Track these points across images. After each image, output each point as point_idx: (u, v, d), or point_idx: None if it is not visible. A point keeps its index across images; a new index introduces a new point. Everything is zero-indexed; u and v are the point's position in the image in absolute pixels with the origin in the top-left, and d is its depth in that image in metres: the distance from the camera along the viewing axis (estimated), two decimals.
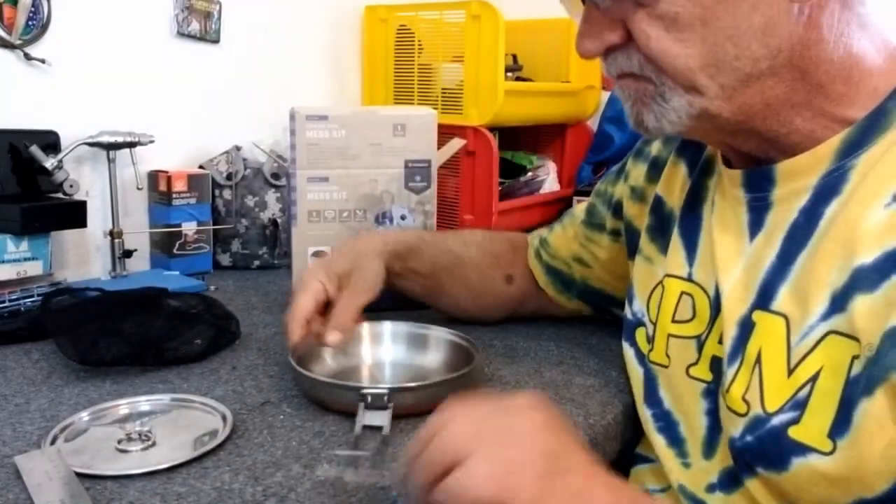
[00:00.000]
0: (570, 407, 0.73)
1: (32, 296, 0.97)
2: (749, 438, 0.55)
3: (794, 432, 0.52)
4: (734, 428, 0.57)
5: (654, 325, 0.69)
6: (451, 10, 1.40)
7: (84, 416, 0.68)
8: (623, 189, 0.82)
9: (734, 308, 0.59)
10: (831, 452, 0.50)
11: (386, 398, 0.67)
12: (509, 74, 1.50)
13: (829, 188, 0.55)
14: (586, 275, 0.89)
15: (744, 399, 0.56)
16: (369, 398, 0.67)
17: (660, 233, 0.73)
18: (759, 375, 0.55)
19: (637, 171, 0.80)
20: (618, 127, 1.56)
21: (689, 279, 0.66)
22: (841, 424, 0.50)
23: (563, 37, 1.62)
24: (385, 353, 0.85)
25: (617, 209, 0.83)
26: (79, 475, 0.57)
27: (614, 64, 0.58)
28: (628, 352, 0.74)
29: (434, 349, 0.84)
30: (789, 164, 0.58)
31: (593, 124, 1.63)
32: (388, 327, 0.86)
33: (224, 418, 0.67)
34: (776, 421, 0.53)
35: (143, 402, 0.71)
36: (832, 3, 0.54)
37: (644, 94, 0.57)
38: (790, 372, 0.53)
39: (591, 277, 0.89)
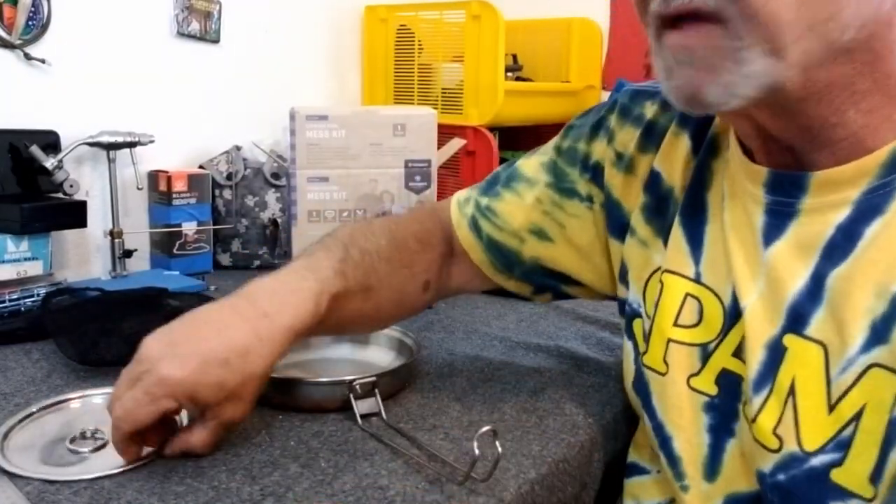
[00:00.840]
0: (570, 405, 0.73)
1: (33, 296, 0.97)
2: (781, 477, 0.50)
3: (836, 476, 0.48)
4: (763, 463, 0.52)
5: (651, 321, 0.62)
6: (451, 10, 1.40)
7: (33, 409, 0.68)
8: (605, 151, 0.70)
9: (760, 328, 0.53)
10: (872, 499, 0.47)
11: (373, 386, 0.70)
12: (509, 74, 1.50)
13: (872, 205, 0.49)
14: (540, 253, 0.74)
15: (775, 433, 0.51)
16: (358, 388, 0.70)
17: (657, 213, 0.65)
18: (794, 409, 0.50)
19: (625, 135, 0.68)
20: None
21: (697, 281, 0.59)
22: (883, 468, 0.46)
23: (563, 37, 1.62)
24: (332, 352, 0.85)
25: (596, 173, 0.71)
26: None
27: None
28: (626, 346, 0.67)
29: (375, 345, 0.86)
30: (829, 174, 0.51)
31: None
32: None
33: None
34: (816, 462, 0.49)
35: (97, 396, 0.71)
36: None
37: (715, 52, 0.47)
38: (831, 408, 0.49)
39: (546, 257, 0.74)
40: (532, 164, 0.76)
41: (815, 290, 0.51)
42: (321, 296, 0.64)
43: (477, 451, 0.55)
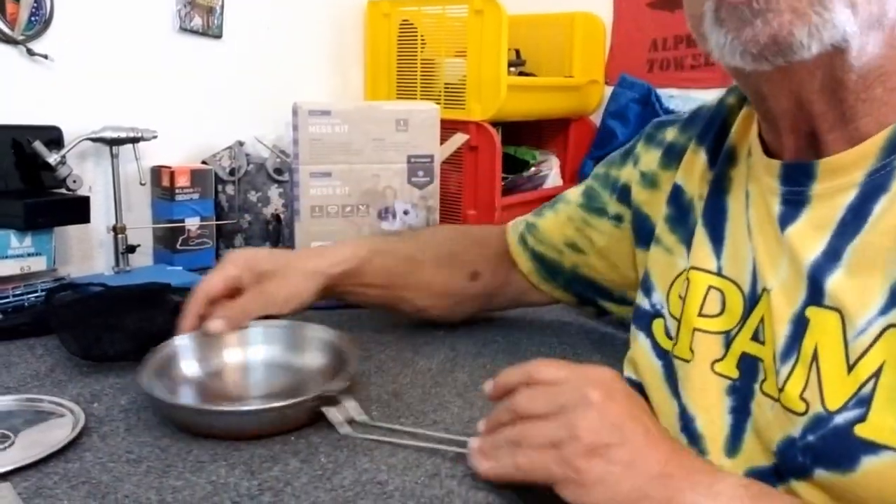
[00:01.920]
0: None
1: (36, 291, 0.97)
2: (811, 438, 0.53)
3: (861, 430, 0.50)
4: (792, 427, 0.54)
5: (679, 320, 0.67)
6: (454, 5, 1.40)
7: None
8: (632, 173, 0.79)
9: (784, 305, 0.57)
10: None
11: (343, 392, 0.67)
12: (512, 69, 1.50)
13: (877, 186, 0.53)
14: (578, 262, 0.85)
15: (801, 398, 0.54)
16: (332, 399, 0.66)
17: (679, 223, 0.71)
18: (818, 373, 0.53)
19: (649, 157, 0.77)
20: (621, 122, 1.56)
21: (719, 273, 0.64)
22: None
23: (566, 31, 1.62)
24: (256, 353, 0.77)
25: (623, 193, 0.80)
26: None
27: None
28: (644, 342, 0.71)
29: (308, 349, 0.77)
30: (833, 161, 0.55)
31: (596, 119, 1.63)
32: (258, 329, 0.77)
33: None
34: (839, 419, 0.51)
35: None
36: None
37: None
38: (850, 368, 0.52)
39: (583, 265, 0.85)
40: (575, 190, 0.87)
41: (831, 260, 0.54)
42: (359, 248, 0.84)
43: None
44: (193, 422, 0.65)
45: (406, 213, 1.11)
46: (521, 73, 1.58)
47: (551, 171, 1.56)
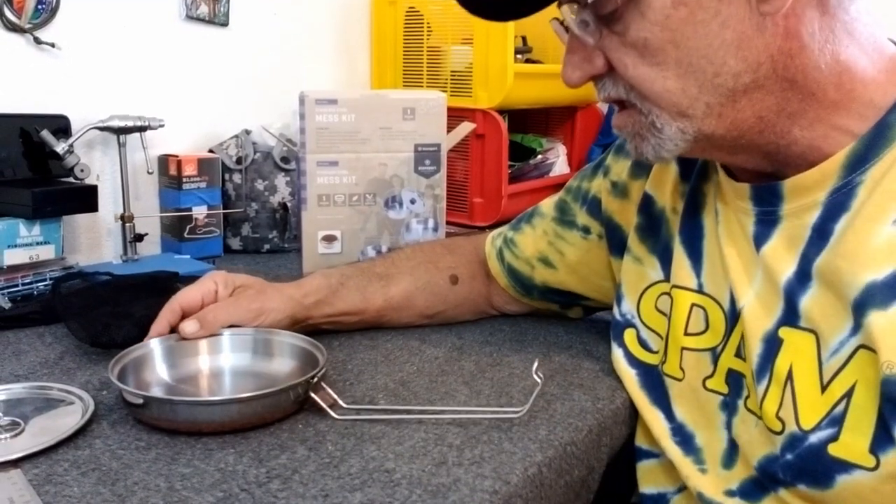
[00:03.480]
0: (579, 392, 0.73)
1: (45, 280, 0.98)
2: (789, 457, 0.55)
3: (833, 449, 0.52)
4: (772, 446, 0.56)
5: (665, 339, 0.68)
6: None
7: None
8: (602, 184, 0.80)
9: (756, 324, 0.58)
10: (875, 468, 0.50)
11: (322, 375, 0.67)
12: (519, 57, 1.49)
13: (837, 204, 0.55)
14: (547, 278, 0.85)
15: (778, 417, 0.56)
16: (315, 379, 0.66)
17: (650, 233, 0.72)
18: (792, 392, 0.55)
19: (619, 167, 0.78)
20: None
21: (700, 291, 0.65)
22: (882, 439, 0.50)
23: None
24: (225, 360, 0.75)
25: (593, 205, 0.80)
26: None
27: (603, 90, 0.59)
28: (617, 352, 0.74)
29: (279, 354, 0.75)
30: (797, 181, 0.58)
31: (603, 107, 1.62)
32: (227, 335, 0.75)
33: None
34: (814, 438, 0.53)
35: None
36: (809, 12, 0.53)
37: (640, 127, 0.58)
38: (823, 388, 0.53)
39: (553, 281, 0.85)
40: (548, 202, 0.88)
41: (800, 285, 0.56)
42: (329, 277, 0.83)
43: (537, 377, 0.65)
44: (190, 415, 0.63)
45: (413, 201, 1.11)
46: (527, 61, 1.57)
47: (558, 158, 1.56)
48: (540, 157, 1.53)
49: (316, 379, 0.66)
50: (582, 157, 1.61)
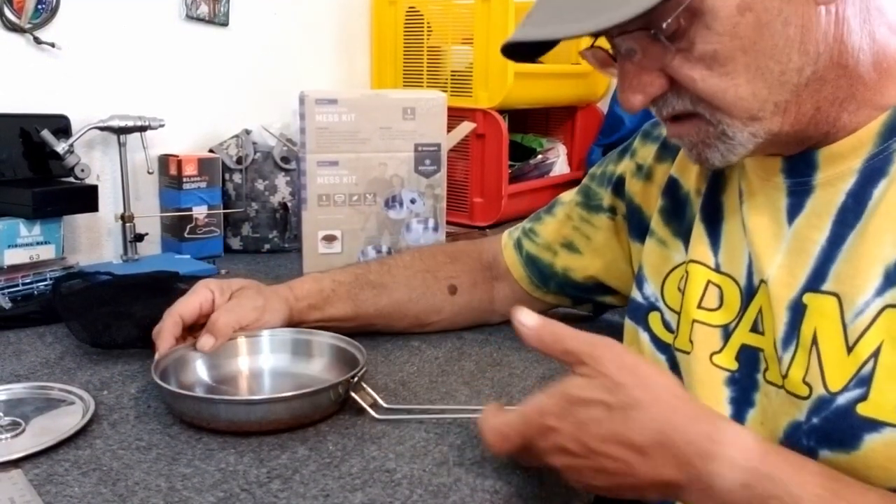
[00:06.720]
0: None
1: (45, 279, 0.98)
2: (815, 421, 0.55)
3: (863, 409, 0.52)
4: (798, 412, 0.56)
5: (679, 313, 0.68)
6: None
7: None
8: (628, 165, 0.80)
9: (782, 293, 0.59)
10: None
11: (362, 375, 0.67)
12: None
13: (875, 170, 0.56)
14: (570, 264, 0.85)
15: (804, 381, 0.56)
16: (356, 378, 0.67)
17: (674, 216, 0.72)
18: (818, 356, 0.55)
19: (645, 151, 0.78)
20: None
21: (717, 270, 0.66)
22: None
23: None
24: (264, 361, 0.76)
25: (618, 185, 0.81)
26: None
27: (666, 107, 0.59)
28: (643, 336, 0.72)
29: (318, 355, 0.76)
30: (832, 149, 0.58)
31: (603, 106, 1.62)
32: (266, 336, 0.77)
33: None
34: (842, 400, 0.53)
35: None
36: None
37: (707, 136, 0.58)
38: (849, 349, 0.54)
39: (576, 267, 0.85)
40: (569, 193, 0.88)
41: (831, 251, 0.57)
42: (321, 281, 0.84)
43: None
44: (232, 415, 0.63)
45: (413, 201, 1.11)
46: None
47: (558, 158, 1.56)
48: (540, 156, 1.53)
49: (356, 378, 0.67)
50: (582, 157, 1.61)
